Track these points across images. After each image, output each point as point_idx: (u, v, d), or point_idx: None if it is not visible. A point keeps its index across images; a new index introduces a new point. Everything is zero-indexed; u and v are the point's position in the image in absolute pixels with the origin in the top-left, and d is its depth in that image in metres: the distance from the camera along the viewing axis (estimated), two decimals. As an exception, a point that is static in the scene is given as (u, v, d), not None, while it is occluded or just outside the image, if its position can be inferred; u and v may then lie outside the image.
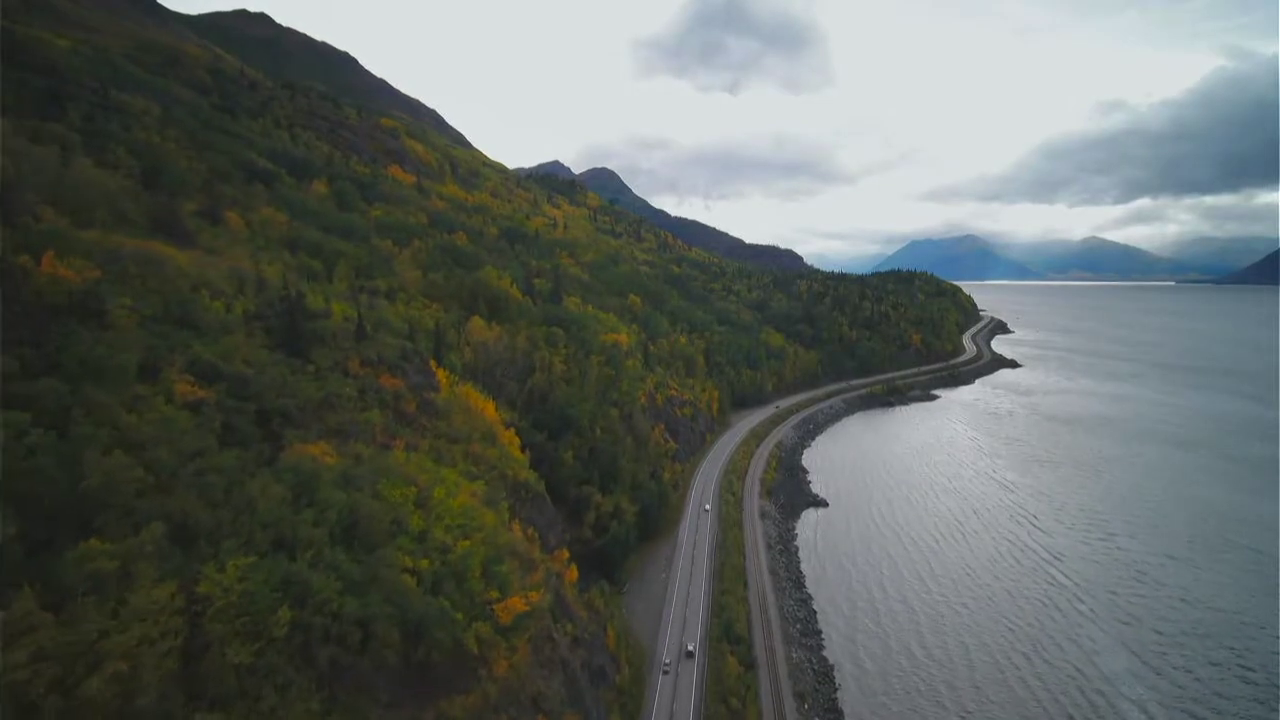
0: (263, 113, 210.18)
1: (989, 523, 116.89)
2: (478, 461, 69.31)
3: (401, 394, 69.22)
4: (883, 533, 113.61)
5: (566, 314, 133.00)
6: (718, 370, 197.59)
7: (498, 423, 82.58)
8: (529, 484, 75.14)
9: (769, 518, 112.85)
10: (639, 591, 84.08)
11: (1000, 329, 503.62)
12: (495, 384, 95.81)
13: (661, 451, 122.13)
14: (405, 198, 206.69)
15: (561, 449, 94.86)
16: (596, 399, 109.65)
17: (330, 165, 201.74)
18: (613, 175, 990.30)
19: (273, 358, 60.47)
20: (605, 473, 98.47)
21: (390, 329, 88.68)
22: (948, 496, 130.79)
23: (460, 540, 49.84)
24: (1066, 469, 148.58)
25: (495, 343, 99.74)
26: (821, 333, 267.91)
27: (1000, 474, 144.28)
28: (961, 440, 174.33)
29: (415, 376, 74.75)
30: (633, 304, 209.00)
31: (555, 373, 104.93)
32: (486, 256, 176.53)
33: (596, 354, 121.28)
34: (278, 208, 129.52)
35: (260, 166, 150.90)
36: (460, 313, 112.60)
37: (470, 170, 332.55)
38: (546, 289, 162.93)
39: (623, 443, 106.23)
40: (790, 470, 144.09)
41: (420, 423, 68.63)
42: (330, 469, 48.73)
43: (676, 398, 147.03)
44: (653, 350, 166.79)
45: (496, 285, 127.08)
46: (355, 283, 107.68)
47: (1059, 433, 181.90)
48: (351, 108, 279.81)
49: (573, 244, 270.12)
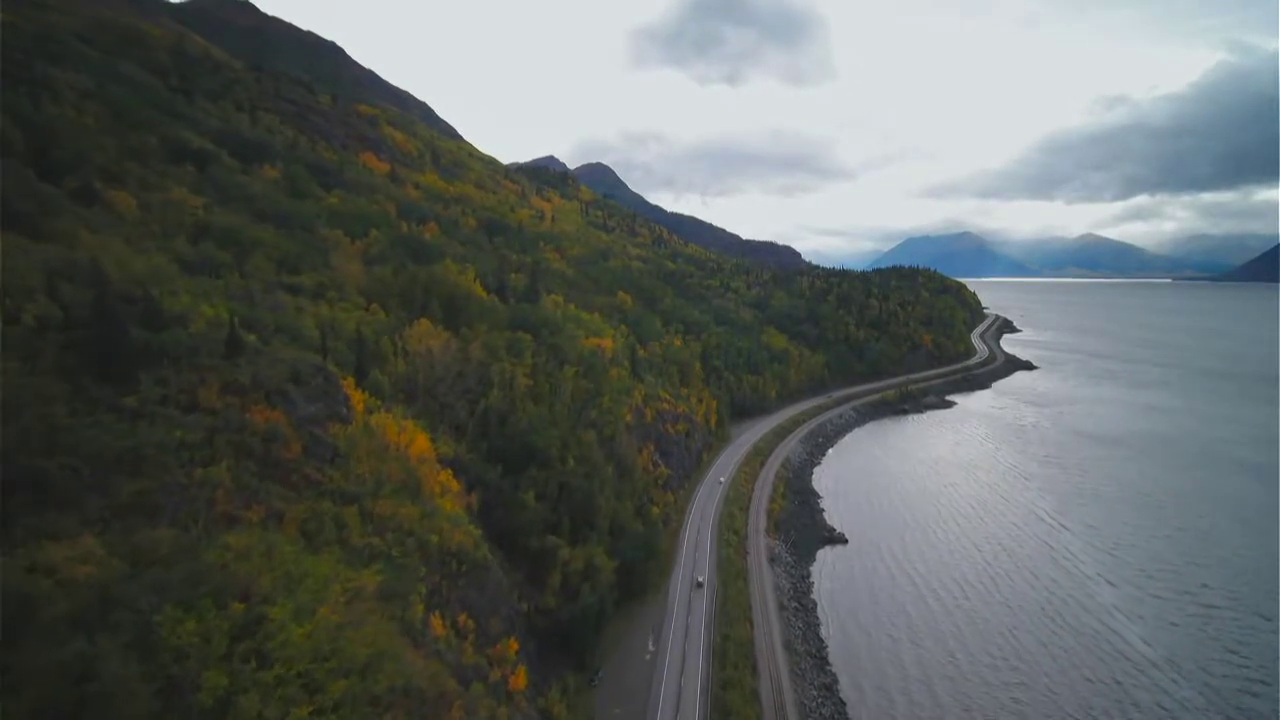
0: (224, 95, 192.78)
1: (1035, 573, 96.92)
2: (384, 527, 49.67)
3: (278, 433, 49.35)
4: (911, 581, 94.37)
5: (541, 315, 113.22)
6: (715, 376, 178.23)
7: (430, 462, 62.93)
8: (464, 551, 55.55)
9: (779, 562, 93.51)
10: (616, 683, 64.47)
11: (1007, 327, 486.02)
12: (438, 406, 76.19)
13: (650, 480, 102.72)
14: (374, 186, 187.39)
15: (522, 488, 75.29)
16: (570, 420, 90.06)
17: (294, 150, 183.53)
18: (608, 171, 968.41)
19: (60, 389, 40.77)
20: (578, 515, 78.95)
21: (297, 337, 69.07)
22: (981, 534, 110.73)
23: (303, 703, 30.27)
24: (1121, 505, 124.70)
25: (442, 352, 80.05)
26: (827, 333, 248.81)
27: (1043, 509, 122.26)
28: (989, 460, 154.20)
29: (309, 405, 54.92)
30: (622, 302, 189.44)
31: (518, 389, 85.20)
32: (456, 249, 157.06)
33: (573, 364, 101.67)
34: (199, 191, 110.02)
35: (196, 147, 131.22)
36: (405, 315, 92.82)
37: (454, 161, 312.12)
38: (522, 286, 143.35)
39: (601, 474, 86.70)
40: (800, 495, 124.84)
41: (301, 474, 48.84)
42: (76, 586, 29.10)
43: (669, 411, 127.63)
44: (642, 355, 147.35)
45: (456, 281, 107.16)
46: (273, 278, 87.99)
47: (1099, 453, 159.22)
48: (328, 94, 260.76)
49: (559, 237, 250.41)
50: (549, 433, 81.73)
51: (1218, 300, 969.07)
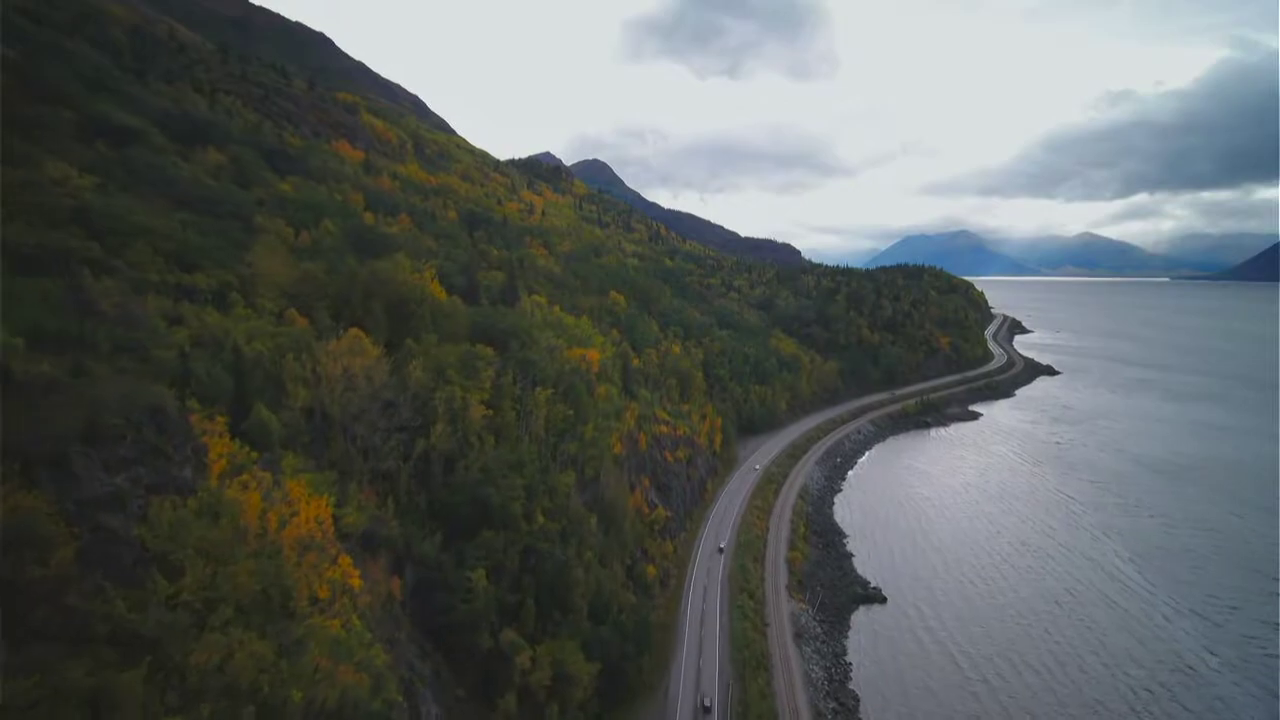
0: (182, 76, 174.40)
1: (1132, 658, 77.54)
2: (201, 693, 30.02)
3: (29, 533, 29.64)
4: (969, 657, 75.06)
5: (511, 321, 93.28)
6: (719, 387, 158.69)
7: (321, 546, 43.11)
8: (356, 703, 35.90)
9: (808, 638, 73.97)
10: None
11: (1017, 328, 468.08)
12: (357, 452, 56.35)
13: (644, 528, 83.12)
14: (342, 174, 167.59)
15: (469, 563, 55.54)
16: (541, 460, 70.33)
17: (257, 135, 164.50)
18: (604, 167, 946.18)
19: None
20: (547, 594, 59.33)
21: (147, 360, 49.17)
22: (1041, 592, 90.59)
23: None
24: (1217, 563, 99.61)
25: (368, 374, 60.36)
26: (838, 336, 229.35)
27: (1113, 561, 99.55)
28: (1032, 490, 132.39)
29: (110, 477, 35.04)
30: (615, 303, 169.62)
31: (471, 422, 65.43)
32: (428, 243, 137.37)
33: (548, 383, 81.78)
34: (95, 170, 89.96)
35: (117, 124, 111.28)
36: (334, 324, 72.88)
37: (440, 151, 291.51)
38: (498, 285, 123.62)
39: (581, 531, 67.02)
40: (823, 536, 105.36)
41: (57, 608, 29.12)
42: None
43: (667, 435, 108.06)
44: (636, 365, 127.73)
45: (406, 281, 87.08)
46: (156, 277, 68.00)
47: (1163, 487, 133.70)
48: (303, 80, 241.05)
49: (548, 232, 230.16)
50: (510, 481, 61.93)
51: (1226, 299, 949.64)
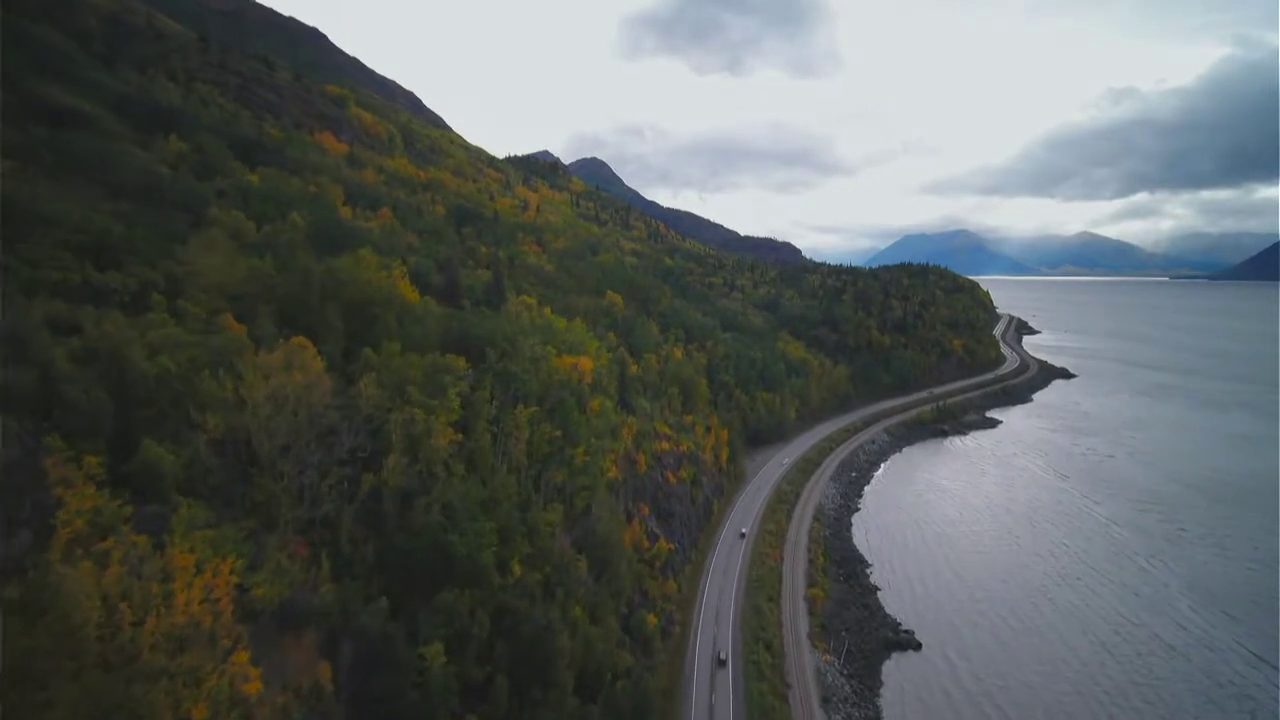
0: (156, 64, 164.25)
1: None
2: None
3: None
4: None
5: (491, 326, 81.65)
6: (724, 395, 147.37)
7: (215, 632, 31.96)
8: None
9: (836, 702, 62.73)
10: None
11: (1024, 328, 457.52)
12: (284, 493, 45.09)
13: (644, 567, 71.82)
14: (321, 166, 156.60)
15: (424, 634, 44.30)
16: (520, 493, 59.08)
17: (234, 123, 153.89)
18: (602, 166, 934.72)
19: None
20: (524, 664, 48.13)
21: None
22: (1088, 637, 77.91)
23: None
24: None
25: (300, 394, 49.12)
26: (847, 339, 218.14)
27: (1170, 604, 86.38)
28: (1063, 511, 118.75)
29: None
30: (613, 304, 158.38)
31: (435, 450, 54.21)
32: (409, 238, 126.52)
33: (531, 400, 70.46)
34: (15, 156, 78.60)
35: (60, 107, 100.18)
36: (277, 330, 61.60)
37: (432, 146, 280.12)
38: (483, 285, 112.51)
39: (568, 581, 55.81)
40: (844, 566, 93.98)
41: None
42: None
43: (669, 452, 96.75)
44: (635, 372, 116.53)
45: (369, 279, 75.71)
46: (63, 274, 56.76)
47: (1207, 507, 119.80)
48: (288, 71, 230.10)
49: (541, 228, 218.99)
50: (480, 525, 50.60)
51: (1226, 299, 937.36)
